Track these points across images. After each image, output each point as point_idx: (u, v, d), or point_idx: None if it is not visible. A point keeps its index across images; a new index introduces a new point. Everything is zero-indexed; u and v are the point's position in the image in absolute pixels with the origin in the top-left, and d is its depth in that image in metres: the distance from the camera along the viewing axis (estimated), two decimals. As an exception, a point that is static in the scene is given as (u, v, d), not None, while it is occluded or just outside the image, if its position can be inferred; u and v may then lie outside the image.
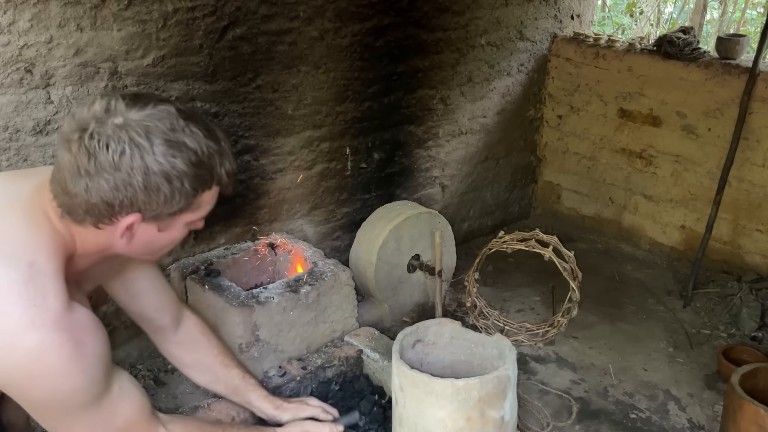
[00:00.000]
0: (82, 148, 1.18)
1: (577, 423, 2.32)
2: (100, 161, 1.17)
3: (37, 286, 1.19)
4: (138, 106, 1.20)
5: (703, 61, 3.15)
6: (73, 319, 1.23)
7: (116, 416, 1.35)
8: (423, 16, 2.90)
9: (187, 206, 1.27)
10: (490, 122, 3.45)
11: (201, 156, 1.23)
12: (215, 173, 1.27)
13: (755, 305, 2.87)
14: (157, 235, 1.31)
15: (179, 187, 1.22)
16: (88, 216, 1.23)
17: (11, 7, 1.85)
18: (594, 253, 3.51)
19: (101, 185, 1.19)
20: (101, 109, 1.19)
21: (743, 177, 3.10)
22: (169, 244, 1.38)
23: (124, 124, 1.18)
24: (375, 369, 2.25)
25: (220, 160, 1.28)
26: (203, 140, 1.24)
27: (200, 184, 1.26)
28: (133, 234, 1.28)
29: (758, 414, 1.85)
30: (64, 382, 1.22)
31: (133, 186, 1.19)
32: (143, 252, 1.37)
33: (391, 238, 2.68)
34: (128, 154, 1.17)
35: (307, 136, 2.69)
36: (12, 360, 1.18)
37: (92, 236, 1.29)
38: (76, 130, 1.19)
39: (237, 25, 2.33)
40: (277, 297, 2.17)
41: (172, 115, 1.22)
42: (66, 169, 1.20)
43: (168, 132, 1.20)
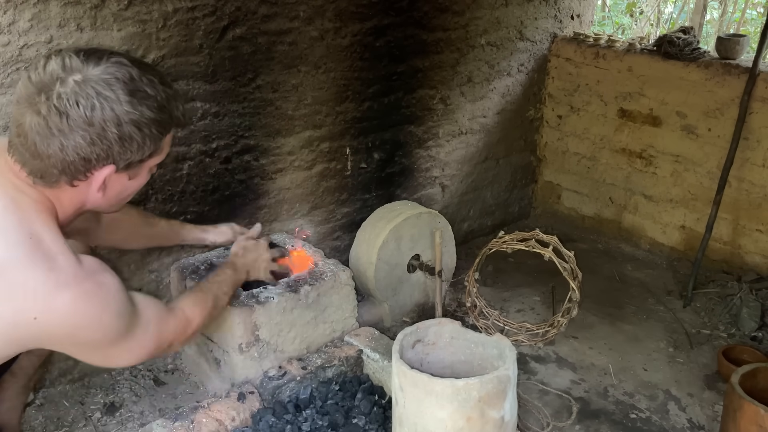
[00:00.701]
0: (52, 107, 1.21)
1: (577, 423, 2.32)
2: (73, 118, 1.22)
3: (43, 252, 1.24)
4: (93, 61, 1.25)
5: (703, 61, 3.15)
6: (87, 268, 1.30)
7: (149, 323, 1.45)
8: (423, 16, 2.90)
9: (155, 151, 1.36)
10: (490, 122, 3.45)
11: (161, 101, 1.31)
12: (174, 116, 1.37)
13: (755, 305, 2.87)
14: (127, 184, 1.40)
15: (149, 133, 1.30)
16: (63, 175, 1.28)
17: (11, 7, 1.85)
18: (594, 253, 3.51)
19: (78, 141, 1.23)
20: (58, 67, 1.23)
21: (743, 177, 3.10)
22: (135, 191, 1.46)
23: (86, 79, 1.23)
24: (375, 369, 2.25)
25: (176, 103, 1.37)
26: (160, 86, 1.32)
27: (164, 128, 1.35)
28: (107, 186, 1.35)
29: (758, 414, 1.85)
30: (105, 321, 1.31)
31: (108, 138, 1.25)
32: (114, 202, 1.44)
33: (391, 238, 2.68)
34: (99, 107, 1.23)
35: (307, 136, 2.69)
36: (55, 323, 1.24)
37: (66, 196, 1.34)
38: (40, 92, 1.22)
39: (237, 25, 2.33)
40: (277, 297, 2.17)
41: (126, 66, 1.28)
42: (35, 132, 1.23)
43: (128, 82, 1.26)
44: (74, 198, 1.35)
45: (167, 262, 2.42)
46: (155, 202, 2.32)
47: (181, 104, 1.40)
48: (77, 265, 1.28)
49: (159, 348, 1.51)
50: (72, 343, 1.33)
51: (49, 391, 2.30)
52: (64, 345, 1.33)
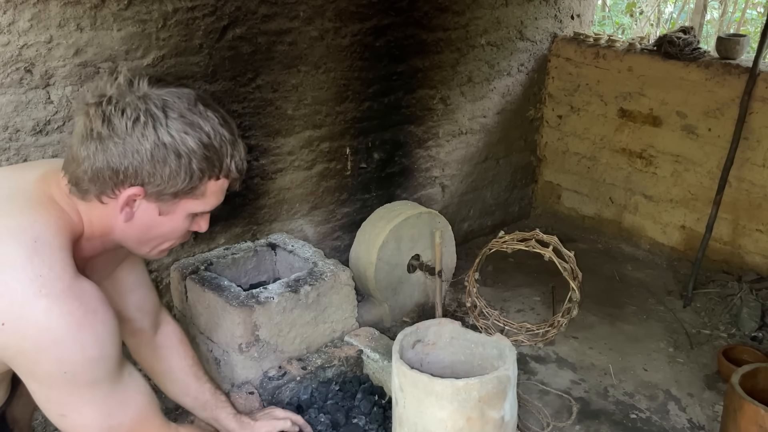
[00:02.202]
0: (99, 111, 1.19)
1: (577, 423, 2.32)
2: (114, 125, 1.19)
3: (42, 258, 1.17)
4: (160, 84, 1.23)
5: (703, 61, 3.15)
6: (82, 288, 1.20)
7: (129, 403, 1.30)
8: (423, 16, 2.90)
9: (191, 189, 1.25)
10: (490, 122, 3.45)
11: (212, 140, 1.24)
12: (224, 163, 1.27)
13: (755, 305, 2.87)
14: (157, 219, 1.29)
15: (186, 165, 1.21)
16: (92, 185, 1.23)
17: (11, 7, 1.85)
18: (594, 253, 3.51)
19: (109, 148, 1.19)
20: (125, 81, 1.22)
21: (743, 177, 3.10)
22: (169, 235, 1.34)
23: (145, 95, 1.21)
24: (375, 369, 2.25)
25: (231, 151, 1.27)
26: (217, 126, 1.25)
27: (208, 168, 1.25)
28: (134, 212, 1.27)
29: (758, 414, 1.85)
30: (74, 352, 1.17)
31: (140, 154, 1.19)
32: (142, 238, 1.33)
33: (391, 238, 2.68)
34: (142, 122, 1.19)
35: (307, 136, 2.69)
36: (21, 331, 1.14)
37: (97, 214, 1.28)
38: (97, 97, 1.21)
39: (237, 25, 2.33)
40: (277, 297, 2.17)
41: (191, 96, 1.24)
42: (79, 133, 1.22)
43: (185, 110, 1.22)
44: (103, 218, 1.28)
45: (167, 262, 2.42)
46: (155, 202, 2.31)
47: (239, 156, 1.29)
48: (73, 280, 1.18)
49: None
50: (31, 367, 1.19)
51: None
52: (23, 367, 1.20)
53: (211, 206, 1.32)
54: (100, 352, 1.21)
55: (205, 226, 1.38)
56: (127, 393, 1.29)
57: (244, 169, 1.32)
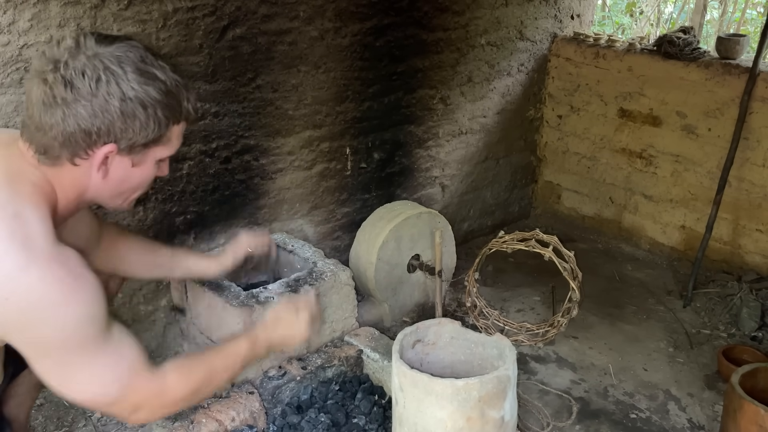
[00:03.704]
0: (58, 76, 1.21)
1: (577, 423, 2.32)
2: (77, 87, 1.21)
3: (24, 232, 1.20)
4: (107, 41, 1.26)
5: (703, 61, 3.15)
6: (66, 255, 1.24)
7: (121, 359, 1.33)
8: (423, 16, 2.90)
9: (159, 137, 1.32)
10: (490, 122, 3.45)
11: (170, 87, 1.29)
12: (183, 107, 1.34)
13: (755, 305, 2.87)
14: (130, 171, 1.34)
15: (153, 115, 1.27)
16: (64, 150, 1.25)
17: (11, 7, 1.85)
18: (594, 253, 3.51)
19: (79, 112, 1.22)
20: (72, 44, 1.24)
21: (743, 177, 3.10)
22: (140, 184, 1.40)
23: (96, 54, 1.23)
24: (375, 369, 2.25)
25: (187, 95, 1.34)
26: (171, 73, 1.30)
27: (171, 115, 1.31)
28: (108, 168, 1.31)
29: (758, 414, 1.85)
30: (69, 314, 1.22)
31: (110, 112, 1.23)
32: (116, 191, 1.38)
33: (391, 238, 2.68)
34: (104, 80, 1.22)
35: (307, 136, 2.69)
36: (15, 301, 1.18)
37: (69, 176, 1.30)
38: (50, 62, 1.22)
39: (237, 25, 2.33)
40: (277, 297, 2.17)
41: (140, 48, 1.28)
42: (40, 102, 1.23)
43: (138, 62, 1.26)
44: (76, 180, 1.31)
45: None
46: (155, 201, 2.32)
47: (193, 98, 1.36)
48: (57, 249, 1.22)
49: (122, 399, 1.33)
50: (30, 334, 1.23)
51: (50, 390, 2.30)
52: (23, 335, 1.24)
53: (174, 149, 1.40)
54: (92, 312, 1.26)
55: (167, 170, 1.45)
56: (118, 350, 1.33)
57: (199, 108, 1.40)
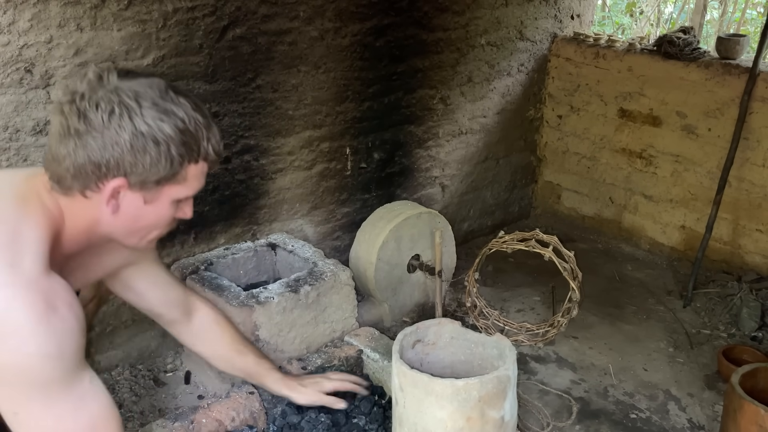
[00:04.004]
0: (74, 108, 1.21)
1: (577, 423, 2.32)
2: (90, 119, 1.20)
3: (15, 249, 1.19)
4: (129, 76, 1.26)
5: (703, 61, 3.15)
6: (49, 284, 1.21)
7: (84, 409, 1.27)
8: (423, 16, 2.90)
9: (172, 175, 1.28)
10: (490, 122, 3.45)
11: (188, 125, 1.26)
12: (202, 146, 1.30)
13: (755, 305, 2.87)
14: (143, 209, 1.31)
15: (165, 152, 1.24)
16: (75, 181, 1.25)
17: (11, 7, 1.85)
18: (594, 253, 3.51)
19: (89, 143, 1.21)
20: (95, 77, 1.24)
21: (743, 177, 3.10)
22: (156, 223, 1.36)
23: (116, 88, 1.23)
24: (375, 369, 2.25)
25: (207, 135, 1.30)
26: (191, 111, 1.27)
27: (187, 153, 1.27)
28: (119, 204, 1.29)
29: (758, 414, 1.85)
30: (30, 345, 1.16)
31: (120, 145, 1.21)
32: (130, 228, 1.34)
33: (391, 238, 2.68)
34: (117, 113, 1.21)
35: (307, 136, 2.69)
36: None
37: (80, 208, 1.29)
38: (69, 94, 1.23)
39: (237, 25, 2.33)
40: (277, 297, 2.17)
41: (161, 84, 1.27)
42: (56, 132, 1.24)
43: (157, 98, 1.24)
44: (87, 212, 1.30)
45: (167, 262, 2.42)
46: (155, 202, 2.31)
47: (215, 138, 1.32)
48: (41, 275, 1.19)
49: None
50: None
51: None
52: None
53: (193, 190, 1.35)
54: (57, 351, 1.20)
55: (190, 212, 1.40)
56: (82, 400, 1.27)
57: (222, 151, 1.35)
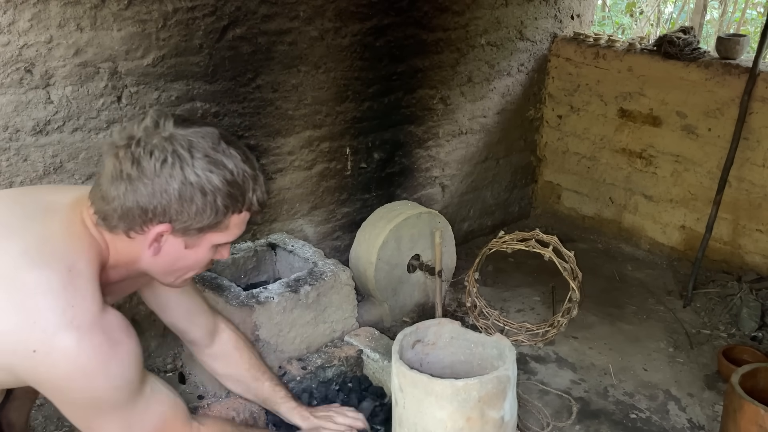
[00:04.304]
0: (128, 153, 1.25)
1: (577, 423, 2.32)
2: (143, 167, 1.24)
3: (76, 288, 1.23)
4: (185, 124, 1.29)
5: (703, 61, 3.14)
6: (109, 320, 1.27)
7: (149, 417, 1.38)
8: (423, 16, 2.90)
9: (215, 224, 1.32)
10: (490, 122, 3.45)
11: (236, 177, 1.30)
12: (247, 197, 1.33)
13: (755, 305, 2.87)
14: (183, 252, 1.36)
15: (212, 202, 1.28)
16: (121, 222, 1.28)
17: (11, 7, 1.85)
18: (594, 253, 3.51)
19: (139, 189, 1.25)
20: (151, 123, 1.28)
21: (743, 177, 3.10)
22: (193, 266, 1.41)
23: (171, 136, 1.26)
24: (375, 369, 2.25)
25: (254, 186, 1.34)
26: (240, 163, 1.31)
27: (231, 204, 1.31)
28: (161, 246, 1.33)
29: (758, 414, 1.85)
30: (100, 382, 1.25)
31: (169, 194, 1.25)
32: (168, 269, 1.40)
33: (391, 238, 2.68)
34: (169, 162, 1.24)
35: (307, 136, 2.69)
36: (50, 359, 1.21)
37: (123, 246, 1.34)
38: (125, 139, 1.27)
39: (237, 25, 2.33)
40: (277, 297, 2.17)
41: (215, 135, 1.30)
42: (109, 174, 1.27)
43: (209, 149, 1.27)
44: (129, 250, 1.34)
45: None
46: (155, 202, 2.31)
47: (261, 189, 1.36)
48: (101, 314, 1.25)
49: None
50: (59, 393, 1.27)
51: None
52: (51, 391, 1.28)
53: (233, 237, 1.39)
54: (124, 380, 1.30)
55: (227, 255, 1.45)
56: (149, 407, 1.38)
57: (266, 201, 1.39)
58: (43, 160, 2.05)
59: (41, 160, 2.05)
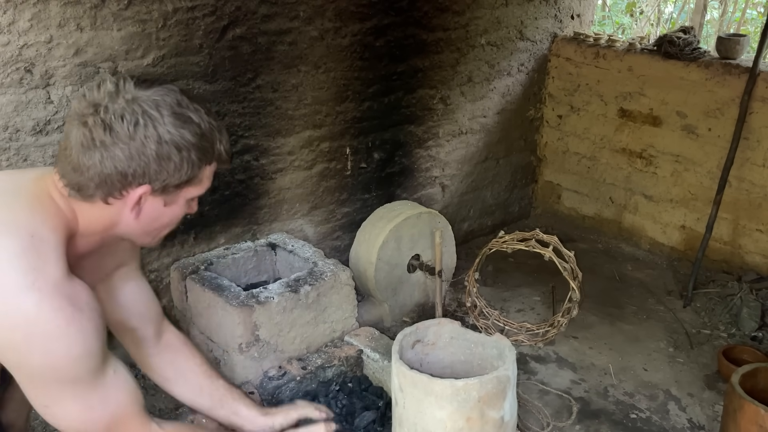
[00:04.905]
0: (98, 120, 1.24)
1: (577, 423, 2.32)
2: (116, 131, 1.24)
3: (38, 253, 1.22)
4: (145, 85, 1.30)
5: (704, 61, 3.14)
6: (73, 288, 1.26)
7: (110, 399, 1.34)
8: (423, 16, 2.90)
9: (192, 178, 1.34)
10: (490, 122, 3.45)
11: (204, 129, 1.32)
12: (216, 148, 1.36)
13: (755, 305, 2.87)
14: (162, 211, 1.37)
15: (187, 157, 1.30)
16: (99, 190, 1.28)
17: (11, 7, 1.85)
18: (594, 253, 3.51)
19: (116, 155, 1.25)
20: (112, 88, 1.28)
21: (743, 177, 3.10)
22: (170, 223, 1.43)
23: (135, 98, 1.27)
24: (375, 369, 2.25)
25: (219, 137, 1.37)
26: (205, 116, 1.33)
27: (204, 156, 1.34)
28: (142, 208, 1.34)
29: (758, 414, 1.85)
30: (60, 347, 1.23)
31: (147, 155, 1.26)
32: (147, 229, 1.41)
33: (391, 238, 2.68)
34: (142, 124, 1.25)
35: (307, 136, 2.69)
36: (10, 321, 1.19)
37: (98, 213, 1.33)
38: (90, 106, 1.26)
39: (237, 25, 2.33)
40: (277, 297, 2.17)
41: (176, 92, 1.32)
42: (79, 143, 1.26)
43: (175, 107, 1.29)
44: (106, 216, 1.34)
45: (167, 262, 2.42)
46: (155, 202, 2.31)
47: (225, 139, 1.38)
48: (64, 279, 1.24)
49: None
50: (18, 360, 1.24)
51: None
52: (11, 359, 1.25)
53: (205, 189, 1.43)
54: (85, 349, 1.26)
55: (196, 207, 1.48)
56: (109, 390, 1.34)
57: (231, 150, 1.42)
58: (43, 160, 2.05)
59: (41, 160, 2.05)
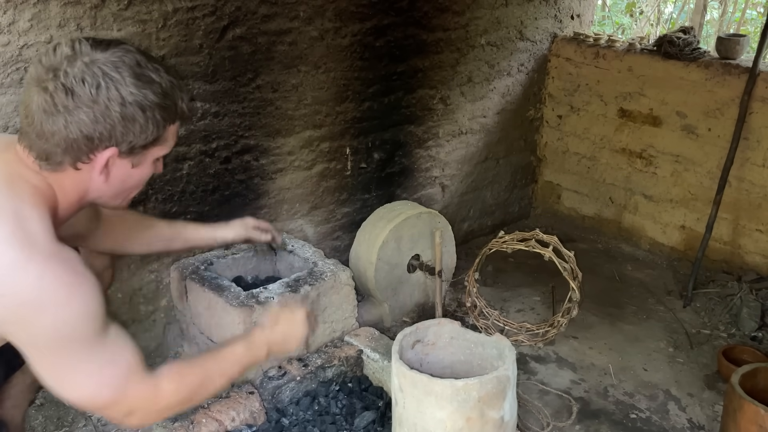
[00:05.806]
0: (59, 85, 1.23)
1: (577, 423, 2.32)
2: (78, 95, 1.23)
3: (25, 231, 1.22)
4: (102, 47, 1.29)
5: (703, 61, 3.14)
6: (66, 254, 1.27)
7: (118, 358, 1.34)
8: (423, 16, 2.90)
9: (157, 138, 1.34)
10: (490, 122, 3.45)
11: (166, 88, 1.32)
12: (178, 106, 1.36)
13: (755, 305, 2.87)
14: (130, 172, 1.38)
15: (152, 117, 1.30)
16: (66, 156, 1.28)
17: (11, 7, 1.85)
18: (594, 253, 3.51)
19: (81, 118, 1.24)
20: (69, 51, 1.26)
21: (743, 177, 3.10)
22: (138, 183, 1.44)
23: (93, 61, 1.25)
24: (375, 369, 2.25)
25: (181, 94, 1.36)
26: (165, 75, 1.33)
27: (167, 115, 1.33)
28: (110, 171, 1.34)
29: (758, 414, 1.85)
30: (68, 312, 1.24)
31: (111, 117, 1.26)
32: (117, 192, 1.41)
33: (391, 238, 2.68)
34: (104, 86, 1.24)
35: (307, 136, 2.69)
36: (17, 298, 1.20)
37: (70, 181, 1.33)
38: (49, 71, 1.24)
39: (237, 25, 2.33)
40: (277, 297, 2.17)
41: (134, 52, 1.31)
42: (41, 110, 1.25)
43: (135, 66, 1.28)
44: (78, 183, 1.34)
45: (167, 261, 2.42)
46: (155, 202, 2.32)
47: (186, 97, 1.39)
48: (57, 248, 1.25)
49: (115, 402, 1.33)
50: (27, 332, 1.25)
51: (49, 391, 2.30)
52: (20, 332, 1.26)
53: (171, 148, 1.43)
54: (89, 311, 1.27)
55: (162, 167, 1.48)
56: (116, 348, 1.35)
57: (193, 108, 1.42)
58: (43, 160, 2.04)
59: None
